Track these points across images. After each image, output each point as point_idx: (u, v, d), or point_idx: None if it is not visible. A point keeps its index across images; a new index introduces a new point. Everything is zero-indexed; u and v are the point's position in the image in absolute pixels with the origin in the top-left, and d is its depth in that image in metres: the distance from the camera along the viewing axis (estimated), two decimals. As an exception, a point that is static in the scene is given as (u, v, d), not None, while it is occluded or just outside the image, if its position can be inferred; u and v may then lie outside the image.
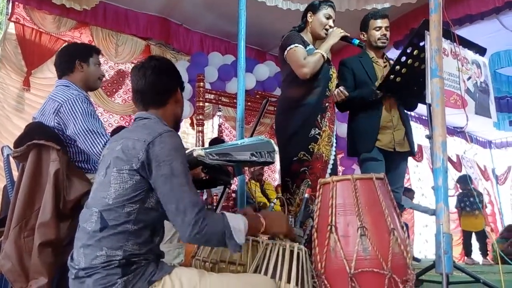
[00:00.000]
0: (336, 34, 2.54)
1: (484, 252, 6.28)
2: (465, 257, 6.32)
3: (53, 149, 1.77)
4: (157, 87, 1.47)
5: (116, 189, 1.27)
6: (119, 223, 1.24)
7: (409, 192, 6.38)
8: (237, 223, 1.29)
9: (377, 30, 2.76)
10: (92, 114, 1.93)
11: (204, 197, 4.60)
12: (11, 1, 4.59)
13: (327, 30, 2.58)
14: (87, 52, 2.14)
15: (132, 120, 1.51)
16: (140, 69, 1.47)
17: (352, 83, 2.73)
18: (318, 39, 2.64)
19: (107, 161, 1.34)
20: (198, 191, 1.42)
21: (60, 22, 4.81)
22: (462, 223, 6.40)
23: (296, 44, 2.46)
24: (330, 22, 2.59)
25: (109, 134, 1.97)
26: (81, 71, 2.09)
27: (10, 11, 4.59)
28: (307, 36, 2.62)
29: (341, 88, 2.56)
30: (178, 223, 1.24)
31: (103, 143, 1.86)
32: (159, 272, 1.26)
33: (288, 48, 2.47)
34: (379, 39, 2.76)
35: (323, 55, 2.45)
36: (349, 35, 2.58)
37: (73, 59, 2.09)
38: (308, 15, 2.62)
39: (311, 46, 2.56)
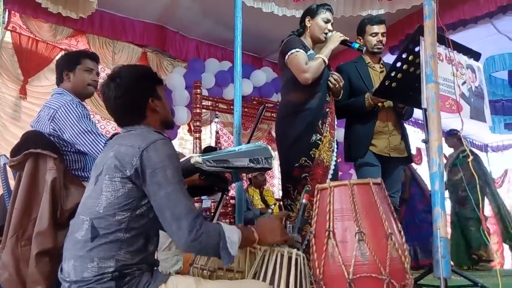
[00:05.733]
0: (336, 38, 2.53)
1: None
2: None
3: (50, 157, 1.77)
4: (124, 109, 1.40)
5: (107, 197, 1.25)
6: (111, 231, 1.22)
7: None
8: (232, 234, 1.28)
9: (374, 36, 2.75)
10: (87, 117, 1.95)
11: (204, 205, 4.58)
12: (7, 10, 4.60)
13: (326, 34, 2.58)
14: (74, 60, 2.13)
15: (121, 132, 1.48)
16: (104, 94, 1.41)
17: (347, 89, 2.72)
18: (317, 43, 2.65)
19: (99, 168, 1.31)
20: (196, 198, 1.42)
21: (57, 31, 4.82)
22: None
23: (298, 49, 2.45)
24: (329, 26, 2.58)
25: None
26: (68, 81, 2.10)
27: (6, 20, 4.59)
28: (306, 40, 2.61)
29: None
30: (173, 229, 1.22)
31: (103, 142, 1.86)
32: (154, 281, 1.24)
33: (289, 53, 2.46)
34: (375, 45, 2.75)
35: (324, 60, 2.45)
36: (348, 38, 2.58)
37: (61, 71, 2.11)
38: (307, 19, 2.61)
39: (311, 51, 2.54)
